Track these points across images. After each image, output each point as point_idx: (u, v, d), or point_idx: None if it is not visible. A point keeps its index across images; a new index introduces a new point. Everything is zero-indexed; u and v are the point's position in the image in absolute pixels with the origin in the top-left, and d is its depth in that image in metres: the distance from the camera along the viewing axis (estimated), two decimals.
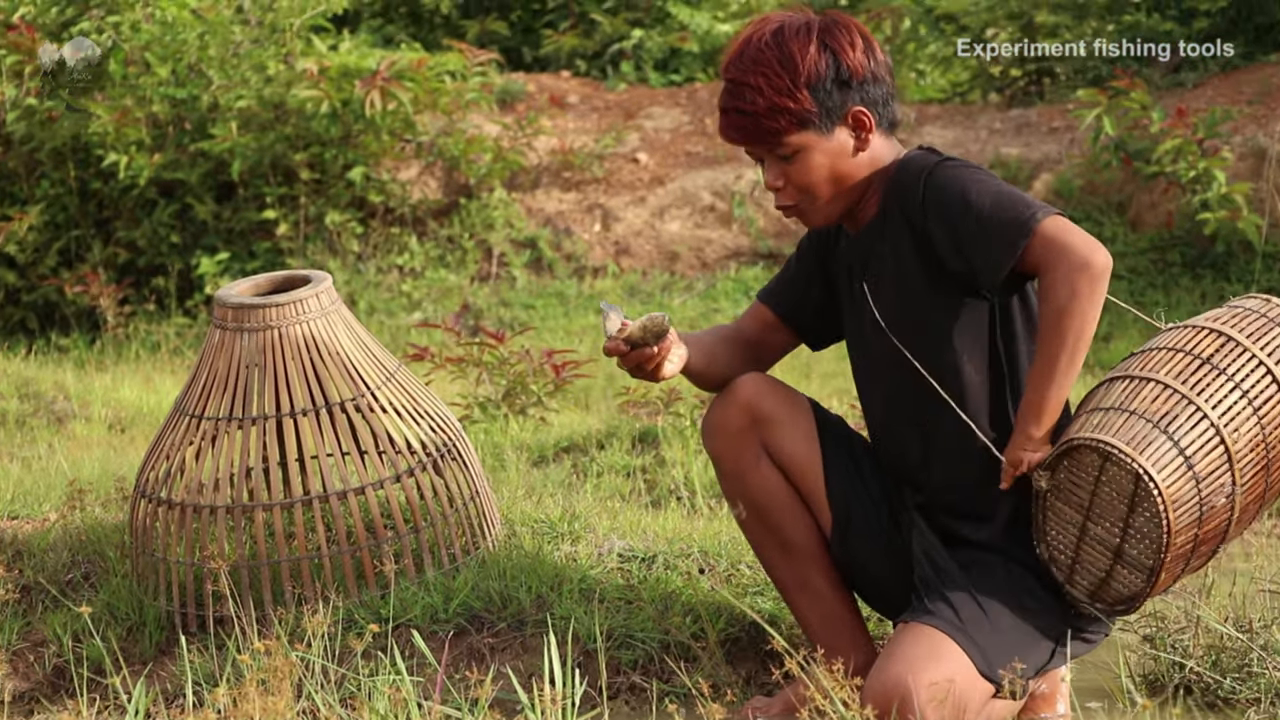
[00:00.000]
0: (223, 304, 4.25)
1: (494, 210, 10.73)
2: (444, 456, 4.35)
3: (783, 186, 3.62)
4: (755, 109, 3.55)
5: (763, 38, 3.57)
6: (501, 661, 4.00)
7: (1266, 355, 3.44)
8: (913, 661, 3.38)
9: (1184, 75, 10.93)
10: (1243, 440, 3.40)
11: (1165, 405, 3.39)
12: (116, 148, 10.17)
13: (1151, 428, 3.37)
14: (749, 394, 3.78)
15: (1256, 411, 3.41)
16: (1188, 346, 3.48)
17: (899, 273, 3.62)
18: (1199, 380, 3.42)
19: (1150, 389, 3.42)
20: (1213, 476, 3.38)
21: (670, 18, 13.30)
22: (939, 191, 3.53)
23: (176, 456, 4.27)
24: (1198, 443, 3.37)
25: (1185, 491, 3.36)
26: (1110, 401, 3.45)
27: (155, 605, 4.26)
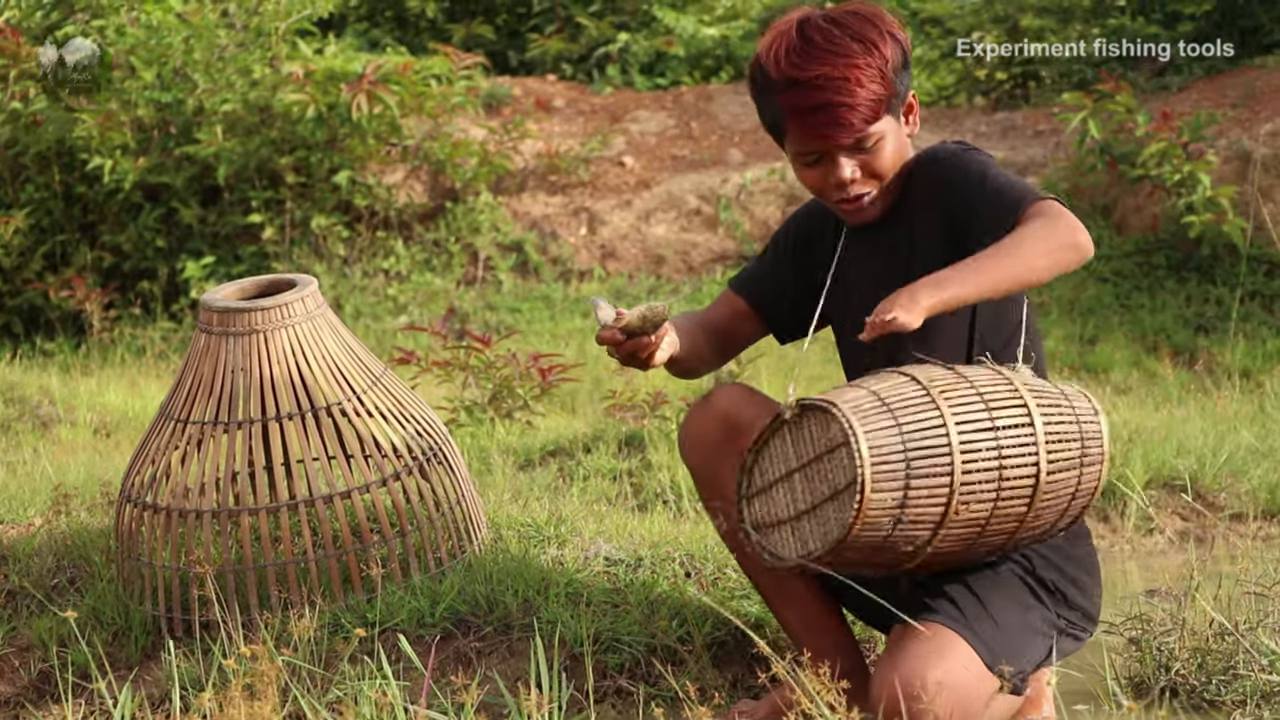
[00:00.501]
0: (208, 308, 4.24)
1: (480, 214, 10.73)
2: (430, 460, 4.35)
3: (859, 178, 3.57)
4: (855, 100, 3.48)
5: (823, 29, 3.50)
6: (488, 666, 4.00)
7: (1046, 455, 3.32)
8: (921, 657, 3.37)
9: (1169, 79, 10.95)
10: (963, 515, 3.29)
11: (927, 441, 3.25)
12: (101, 152, 10.16)
13: (901, 457, 3.24)
14: (726, 405, 3.77)
15: (998, 500, 3.30)
16: (991, 399, 3.33)
17: (918, 254, 3.59)
18: (974, 437, 3.29)
19: (930, 417, 3.28)
20: (914, 528, 3.28)
21: (656, 21, 13.31)
22: (961, 167, 3.53)
23: (162, 461, 4.26)
24: (922, 498, 3.25)
25: (881, 524, 3.27)
26: (893, 398, 3.31)
27: (141, 610, 4.26)
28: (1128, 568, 5.44)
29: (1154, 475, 5.93)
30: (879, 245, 3.67)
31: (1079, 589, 3.65)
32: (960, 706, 3.34)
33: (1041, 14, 11.55)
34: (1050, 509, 3.37)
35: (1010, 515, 3.34)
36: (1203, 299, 9.22)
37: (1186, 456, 5.99)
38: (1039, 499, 3.33)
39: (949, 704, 3.33)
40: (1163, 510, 5.87)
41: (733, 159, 11.27)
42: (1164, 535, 5.75)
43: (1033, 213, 3.38)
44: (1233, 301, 9.03)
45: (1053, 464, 3.32)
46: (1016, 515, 3.34)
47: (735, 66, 13.00)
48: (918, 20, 12.60)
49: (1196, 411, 7.06)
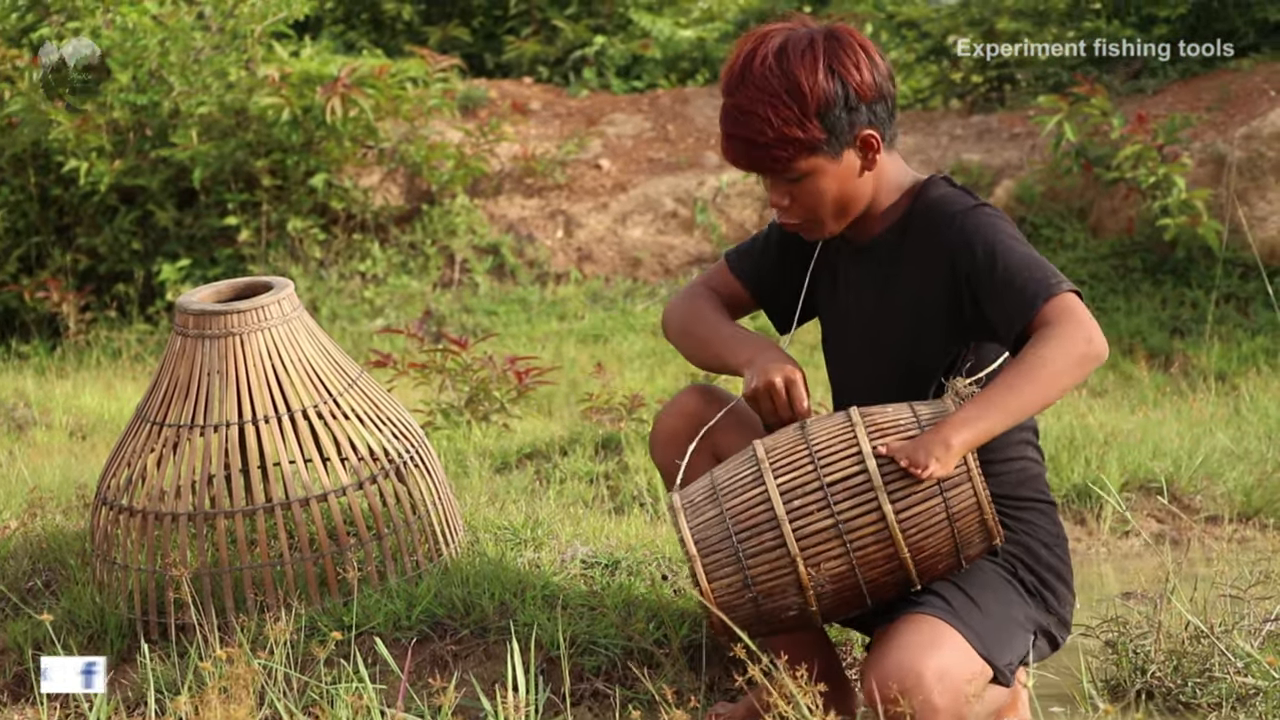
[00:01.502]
0: (184, 311, 4.24)
1: (456, 216, 10.72)
2: (406, 463, 4.34)
3: (788, 206, 3.57)
4: (765, 140, 3.48)
5: (766, 60, 3.48)
6: (465, 669, 4.00)
7: (889, 499, 3.34)
8: (915, 649, 3.37)
9: (1144, 82, 10.98)
10: (824, 571, 3.35)
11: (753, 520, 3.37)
12: (77, 154, 10.14)
13: (728, 542, 3.38)
14: (694, 403, 3.79)
15: (851, 551, 3.34)
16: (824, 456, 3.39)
17: (908, 295, 3.59)
18: (803, 506, 3.36)
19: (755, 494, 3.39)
20: (777, 595, 3.38)
21: (632, 24, 13.31)
22: (971, 236, 3.49)
23: (138, 464, 4.25)
24: (766, 568, 3.36)
25: (738, 602, 3.39)
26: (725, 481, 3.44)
27: (116, 613, 4.25)
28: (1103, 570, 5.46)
29: (1130, 478, 5.94)
30: (877, 273, 3.65)
31: (1056, 596, 3.65)
32: (955, 696, 3.33)
33: (1017, 17, 11.56)
34: (930, 538, 3.37)
35: (879, 558, 3.38)
36: (1178, 302, 9.24)
37: (1162, 459, 6.01)
38: (903, 537, 3.35)
39: (945, 693, 3.32)
40: (1138, 513, 5.88)
41: (709, 162, 11.27)
42: (1140, 538, 5.76)
43: (1050, 317, 3.36)
44: (1208, 304, 9.05)
45: (899, 502, 3.34)
46: (885, 557, 3.37)
47: (711, 69, 13.01)
48: (894, 24, 12.61)
49: (1172, 414, 7.08)
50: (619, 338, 9.48)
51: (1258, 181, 9.57)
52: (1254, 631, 3.97)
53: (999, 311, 3.44)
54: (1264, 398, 7.35)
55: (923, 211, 3.59)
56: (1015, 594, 3.58)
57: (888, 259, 3.63)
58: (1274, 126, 9.71)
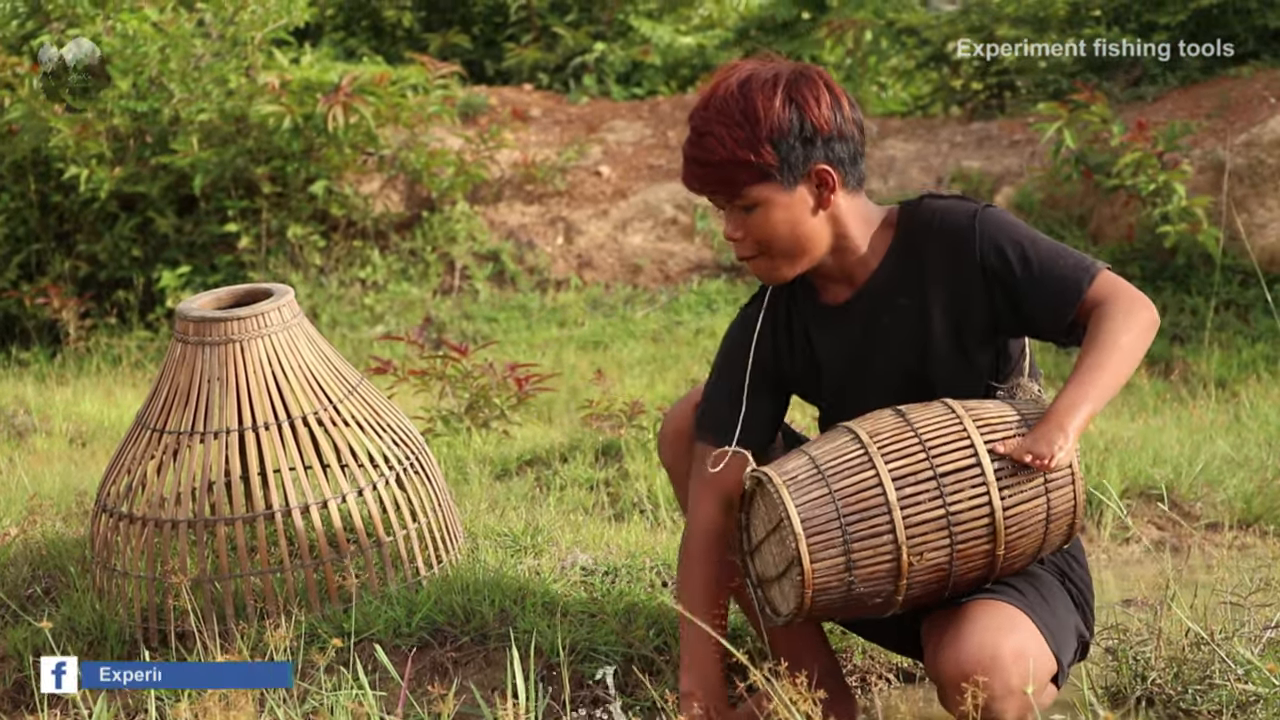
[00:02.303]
0: (184, 317, 4.24)
1: (456, 223, 10.72)
2: (406, 470, 4.34)
3: (742, 238, 3.54)
4: (716, 159, 3.48)
5: (729, 88, 3.50)
6: (465, 676, 4.00)
7: (999, 492, 3.34)
8: (994, 630, 3.37)
9: (1144, 89, 10.98)
10: (923, 563, 3.35)
11: (863, 503, 3.35)
12: (77, 161, 10.14)
13: (835, 522, 3.34)
14: None
15: (954, 544, 3.34)
16: (934, 446, 3.38)
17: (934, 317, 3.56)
18: (914, 493, 3.35)
19: (865, 477, 3.36)
20: (872, 582, 3.35)
21: (632, 31, 13.32)
22: (996, 237, 3.50)
23: (138, 471, 4.25)
24: (869, 555, 3.34)
25: (832, 587, 3.35)
26: (828, 463, 3.40)
27: (116, 620, 4.25)
28: (1104, 577, 5.45)
29: (1130, 484, 5.94)
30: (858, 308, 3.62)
31: (1090, 609, 3.69)
32: (1030, 680, 3.33)
33: (1017, 24, 11.56)
34: (1025, 538, 3.39)
35: (977, 553, 3.38)
36: (1178, 308, 9.24)
37: (1163, 466, 6.01)
38: (1004, 534, 3.36)
39: (1022, 675, 3.33)
40: (1139, 519, 5.88)
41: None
42: (1140, 544, 5.75)
43: (1101, 296, 3.42)
44: (1208, 311, 9.05)
45: (1008, 498, 3.35)
46: (983, 552, 3.38)
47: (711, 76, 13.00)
48: (894, 30, 12.61)
49: (1172, 421, 7.08)
50: (619, 344, 9.48)
51: (1258, 188, 9.57)
52: (1254, 638, 3.97)
53: (1042, 304, 3.46)
54: (1264, 405, 7.35)
55: (923, 230, 3.57)
56: (1071, 602, 3.60)
57: (889, 294, 3.60)
58: (1274, 133, 9.71)
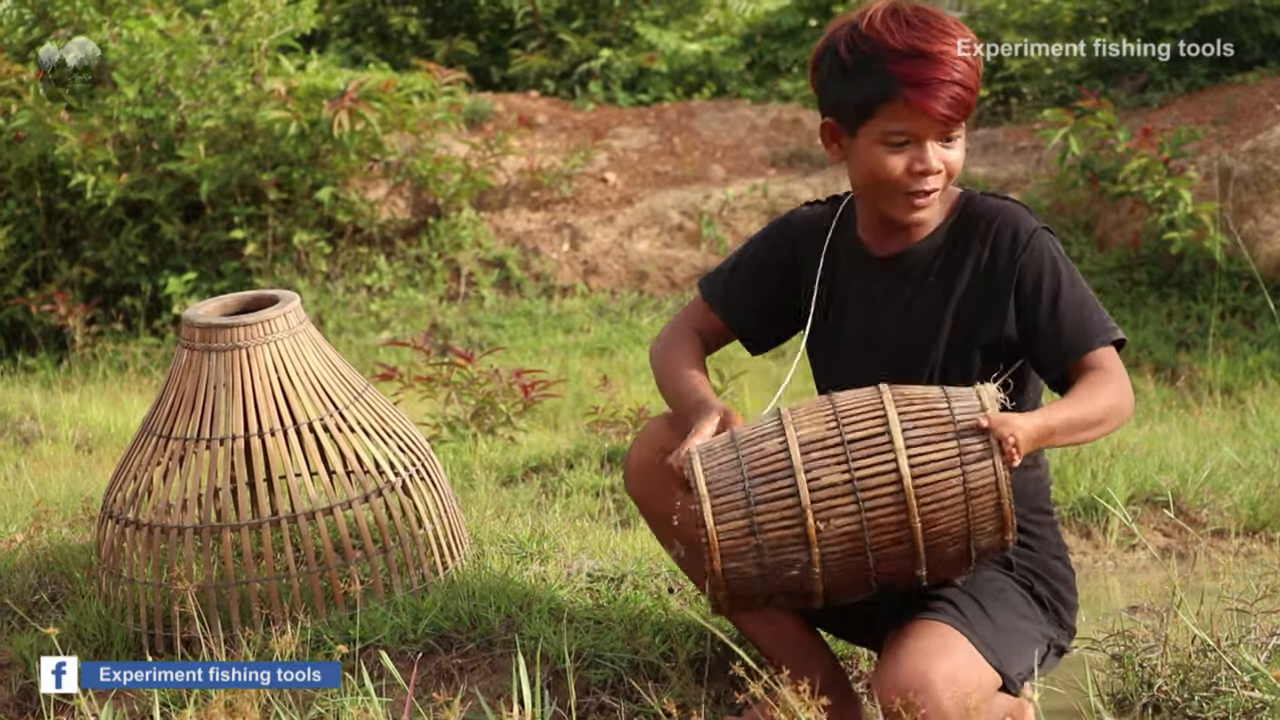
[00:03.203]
0: (190, 324, 4.24)
1: (462, 230, 10.73)
2: (412, 477, 4.34)
3: (939, 171, 3.53)
4: (970, 84, 3.48)
5: (933, 13, 3.48)
6: (470, 682, 4.00)
7: (908, 460, 3.31)
8: (925, 655, 3.38)
9: (1149, 95, 10.98)
10: (832, 530, 3.32)
11: (768, 467, 3.34)
12: (83, 168, 10.15)
13: (738, 484, 3.35)
14: (662, 433, 3.76)
15: (862, 510, 3.31)
16: (847, 415, 3.38)
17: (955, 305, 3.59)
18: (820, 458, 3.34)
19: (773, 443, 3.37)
20: (783, 550, 3.34)
21: (638, 38, 13.32)
22: (1041, 259, 3.53)
23: (144, 477, 4.25)
24: (773, 516, 3.33)
25: (740, 550, 3.35)
26: (746, 432, 3.42)
27: (122, 626, 4.25)
28: (1110, 583, 5.45)
29: (1136, 491, 5.94)
30: (893, 269, 3.65)
31: (1067, 608, 3.67)
32: (964, 701, 3.33)
33: (1023, 30, 11.57)
34: (944, 511, 3.32)
35: (889, 523, 3.32)
36: (1184, 315, 9.24)
37: (1168, 472, 6.00)
38: (916, 504, 3.31)
39: (954, 700, 3.32)
40: (1145, 526, 5.88)
41: (715, 175, 11.28)
42: (1146, 551, 5.75)
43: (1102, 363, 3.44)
44: (1213, 317, 9.05)
45: (918, 466, 3.31)
46: (896, 523, 3.32)
47: (718, 83, 13.01)
48: None
49: (1178, 427, 7.08)
50: (625, 351, 9.48)
51: (1263, 195, 9.57)
52: (1260, 645, 3.97)
53: (1048, 341, 3.49)
54: (1270, 411, 7.34)
55: (981, 222, 3.60)
56: (1029, 608, 3.59)
57: (924, 268, 3.62)
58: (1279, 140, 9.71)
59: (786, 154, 11.54)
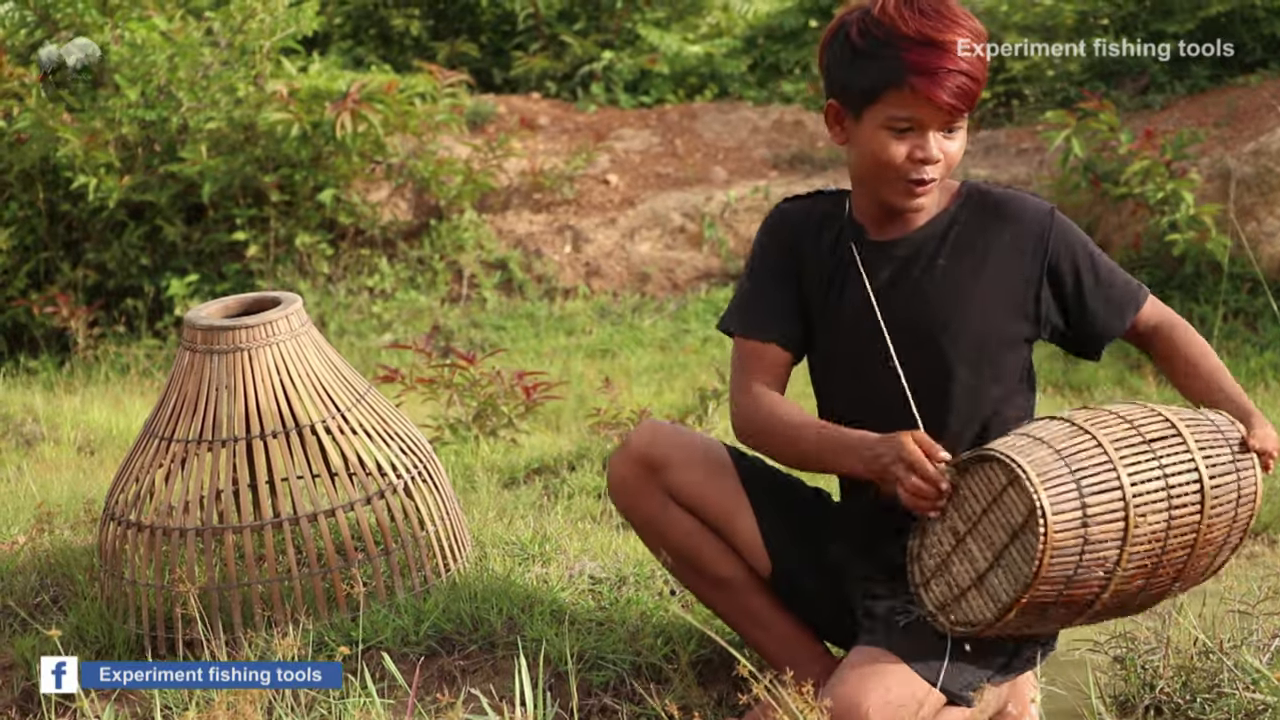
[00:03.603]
0: (192, 326, 4.24)
1: (464, 232, 10.73)
2: (414, 479, 4.35)
3: (939, 160, 3.53)
4: (978, 75, 3.49)
5: (952, 5, 3.49)
6: (472, 684, 4.00)
7: (1203, 460, 3.35)
8: (858, 682, 3.42)
9: (1151, 97, 10.98)
10: (1145, 528, 3.31)
11: (1089, 460, 3.31)
12: (85, 170, 10.14)
13: (1067, 474, 3.28)
14: (641, 443, 3.77)
15: (1170, 509, 3.32)
16: (1135, 419, 3.40)
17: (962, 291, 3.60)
18: (1132, 454, 3.33)
19: (1083, 440, 3.33)
20: (1100, 546, 3.29)
21: (640, 40, 13.31)
22: (1070, 239, 3.61)
23: (146, 479, 4.25)
24: (1102, 509, 3.28)
25: (1069, 545, 3.27)
26: (1042, 434, 3.37)
27: (124, 628, 4.25)
28: None
29: None
30: (898, 253, 3.66)
31: None
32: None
33: (1025, 32, 11.56)
34: (1220, 518, 3.39)
35: (1185, 526, 3.35)
36: (1186, 317, 9.19)
37: None
38: (1209, 503, 3.36)
39: None
40: None
41: (717, 177, 11.28)
42: None
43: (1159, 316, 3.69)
44: (1215, 319, 9.04)
45: (1210, 468, 3.37)
46: (1190, 525, 3.35)
47: (719, 85, 13.01)
48: None
49: None
50: (627, 353, 9.48)
51: (1266, 197, 9.56)
52: (1263, 647, 3.97)
53: (1104, 308, 3.62)
54: (1272, 413, 7.33)
55: (993, 210, 3.63)
56: None
57: (931, 251, 3.63)
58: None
59: (788, 156, 11.54)
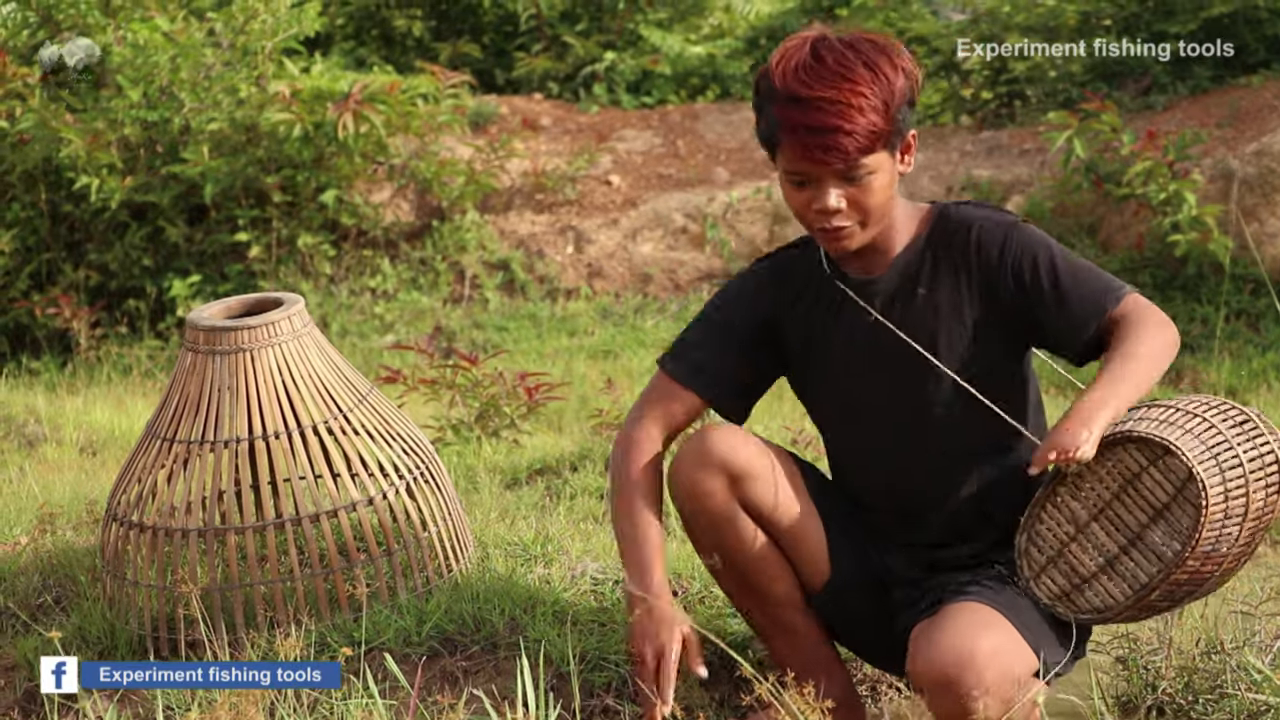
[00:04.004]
0: (194, 327, 4.24)
1: (466, 232, 10.73)
2: (417, 479, 4.34)
3: (843, 209, 3.47)
4: (853, 127, 3.39)
5: (838, 51, 3.43)
6: (474, 685, 3.99)
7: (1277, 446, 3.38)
8: (968, 629, 3.37)
9: (1153, 98, 10.97)
10: (1255, 502, 3.33)
11: (1212, 439, 3.34)
12: (88, 171, 10.15)
13: (1204, 450, 3.31)
14: (723, 450, 3.70)
15: (1266, 485, 3.35)
16: (1216, 405, 3.42)
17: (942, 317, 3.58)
18: (1234, 435, 3.36)
19: (1198, 422, 3.36)
20: (1233, 520, 3.32)
21: (642, 40, 13.31)
22: (1032, 249, 3.53)
23: (148, 480, 4.25)
24: (1234, 483, 3.31)
25: (1216, 517, 3.30)
26: (1157, 416, 3.40)
27: (126, 629, 4.25)
28: None
29: None
30: (879, 294, 3.63)
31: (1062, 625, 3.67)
32: (1007, 679, 3.33)
33: (1027, 32, 11.56)
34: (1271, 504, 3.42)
35: (1265, 507, 3.37)
36: (1188, 317, 9.23)
37: None
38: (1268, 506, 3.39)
39: (997, 673, 3.32)
40: None
41: (719, 177, 11.28)
42: None
43: (1127, 312, 3.46)
44: (1218, 320, 9.04)
45: None
46: (1273, 505, 3.38)
47: (721, 85, 13.01)
48: (904, 39, 12.61)
49: None
50: (629, 353, 9.48)
51: (1268, 198, 9.56)
52: (1265, 648, 3.96)
53: (1066, 317, 3.49)
54: (1275, 413, 7.33)
55: (958, 233, 3.58)
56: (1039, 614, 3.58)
57: (908, 282, 3.61)
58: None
59: None
